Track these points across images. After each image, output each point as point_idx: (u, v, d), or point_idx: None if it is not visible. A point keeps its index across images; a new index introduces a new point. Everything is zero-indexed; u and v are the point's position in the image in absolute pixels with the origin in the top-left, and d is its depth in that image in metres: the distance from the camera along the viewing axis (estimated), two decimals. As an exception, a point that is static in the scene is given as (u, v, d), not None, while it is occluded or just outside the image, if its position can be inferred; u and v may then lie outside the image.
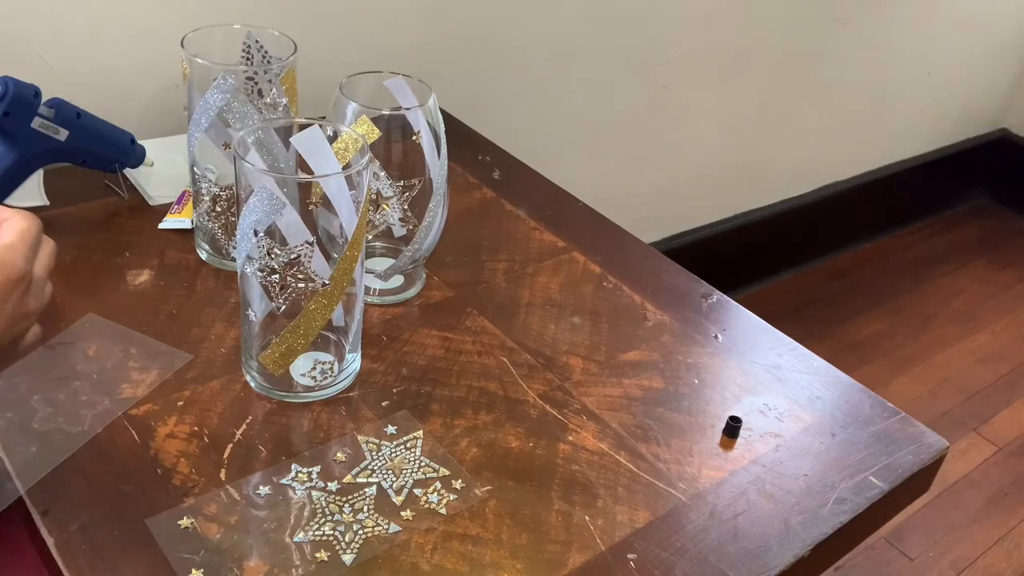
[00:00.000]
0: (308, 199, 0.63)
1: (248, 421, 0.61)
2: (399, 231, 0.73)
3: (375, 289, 0.75)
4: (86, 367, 0.64)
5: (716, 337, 0.75)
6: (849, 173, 1.94)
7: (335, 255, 0.60)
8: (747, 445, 0.65)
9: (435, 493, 0.58)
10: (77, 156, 0.78)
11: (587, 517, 0.58)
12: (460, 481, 0.59)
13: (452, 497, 0.58)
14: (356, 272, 0.61)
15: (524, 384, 0.68)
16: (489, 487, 0.59)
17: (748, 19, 1.48)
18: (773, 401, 0.69)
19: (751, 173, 1.72)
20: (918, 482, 0.66)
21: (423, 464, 0.60)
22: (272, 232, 0.58)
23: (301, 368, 0.64)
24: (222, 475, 0.57)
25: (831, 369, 0.73)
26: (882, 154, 2.00)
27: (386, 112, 0.67)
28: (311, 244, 0.58)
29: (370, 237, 0.72)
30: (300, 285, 0.59)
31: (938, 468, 0.67)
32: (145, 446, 0.58)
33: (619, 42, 1.33)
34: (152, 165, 0.84)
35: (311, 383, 0.64)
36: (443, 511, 0.57)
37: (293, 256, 0.58)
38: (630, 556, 0.55)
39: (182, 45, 0.69)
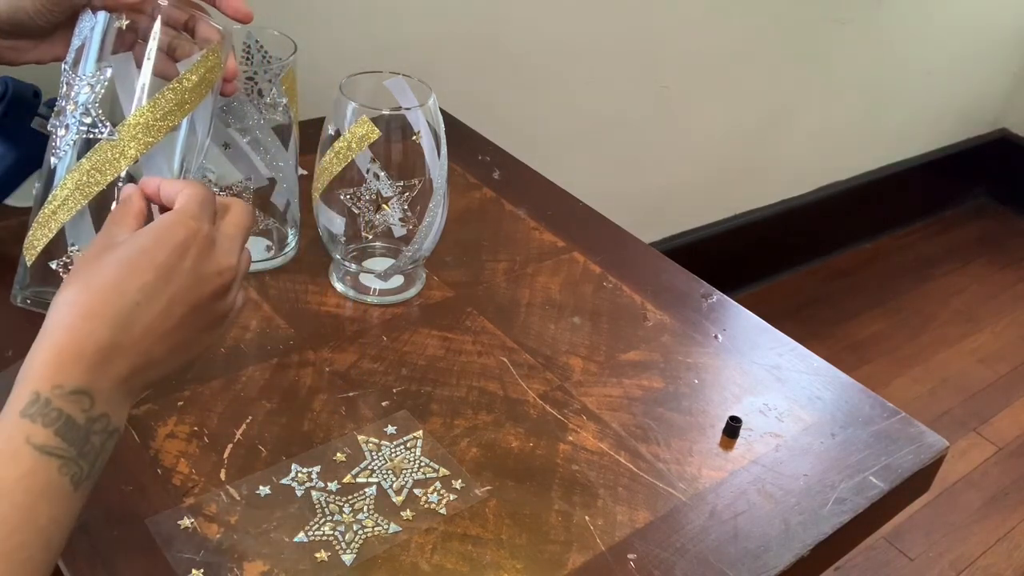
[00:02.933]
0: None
1: (248, 421, 0.61)
2: (399, 231, 0.73)
3: (375, 289, 0.75)
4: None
5: (716, 337, 0.75)
6: (849, 173, 1.94)
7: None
8: (747, 445, 0.65)
9: (435, 493, 0.58)
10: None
11: (587, 517, 0.58)
12: (460, 481, 0.59)
13: (452, 497, 0.58)
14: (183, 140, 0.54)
15: (524, 384, 0.68)
16: (489, 487, 0.59)
17: (748, 19, 1.48)
18: (773, 401, 0.69)
19: (751, 173, 1.72)
20: (918, 482, 0.66)
21: (423, 464, 0.60)
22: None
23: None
24: (222, 475, 0.57)
25: (831, 369, 0.73)
26: (882, 154, 2.00)
27: (386, 112, 0.67)
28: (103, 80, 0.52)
29: (370, 237, 0.72)
30: (92, 132, 0.51)
31: (938, 468, 0.67)
32: (145, 446, 0.58)
33: (619, 42, 1.33)
34: (152, 165, 0.84)
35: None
36: (443, 511, 0.57)
37: (86, 91, 0.51)
38: (630, 556, 0.55)
39: (182, 45, 0.69)
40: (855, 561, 1.35)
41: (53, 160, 0.52)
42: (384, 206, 0.71)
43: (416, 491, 0.58)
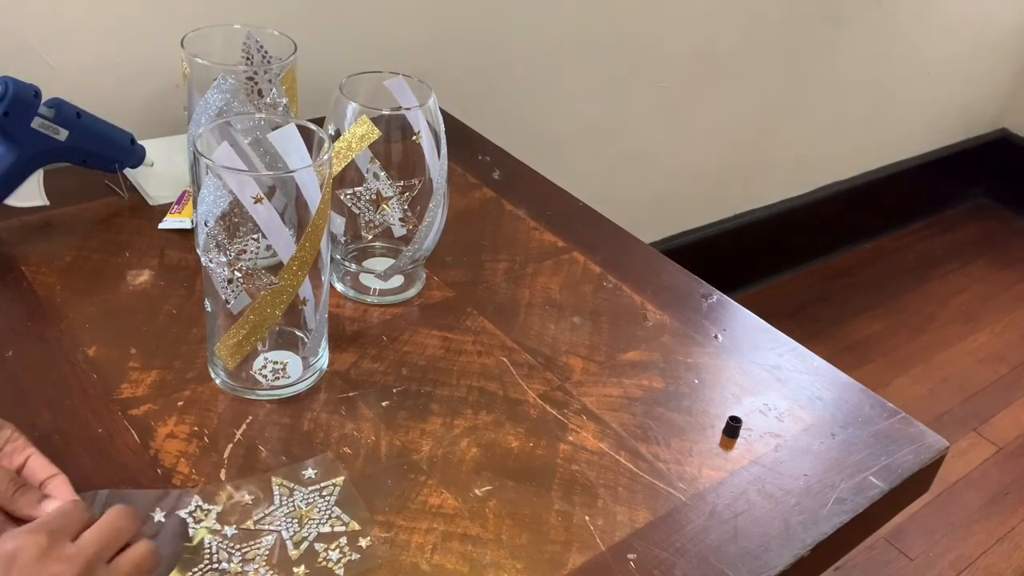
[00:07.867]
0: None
1: (248, 421, 0.61)
2: (399, 231, 0.73)
3: (375, 289, 0.75)
4: (86, 367, 0.64)
5: (716, 337, 0.75)
6: (849, 173, 1.94)
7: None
8: (747, 445, 0.65)
9: (337, 550, 0.53)
10: (77, 156, 0.78)
11: (587, 517, 0.58)
12: (368, 540, 0.54)
13: (355, 556, 0.53)
14: (322, 270, 0.61)
15: (524, 384, 0.68)
16: (489, 487, 0.59)
17: (748, 19, 1.48)
18: (773, 401, 0.69)
19: (751, 173, 1.72)
20: (918, 482, 0.66)
21: (332, 516, 0.55)
22: (234, 227, 0.58)
23: (256, 366, 0.64)
24: (222, 475, 0.57)
25: (831, 369, 0.73)
26: (882, 154, 2.00)
27: (386, 112, 0.67)
28: (256, 239, 0.58)
29: (370, 237, 0.72)
30: (256, 282, 0.59)
31: (938, 468, 0.67)
32: (145, 446, 0.58)
33: (619, 42, 1.33)
34: (152, 165, 0.84)
35: (263, 381, 0.63)
36: (340, 571, 0.52)
37: (241, 250, 0.58)
38: (630, 556, 0.55)
39: (182, 45, 0.69)
40: (855, 561, 1.35)
41: (223, 297, 0.60)
42: (384, 206, 0.71)
43: (317, 545, 0.53)
